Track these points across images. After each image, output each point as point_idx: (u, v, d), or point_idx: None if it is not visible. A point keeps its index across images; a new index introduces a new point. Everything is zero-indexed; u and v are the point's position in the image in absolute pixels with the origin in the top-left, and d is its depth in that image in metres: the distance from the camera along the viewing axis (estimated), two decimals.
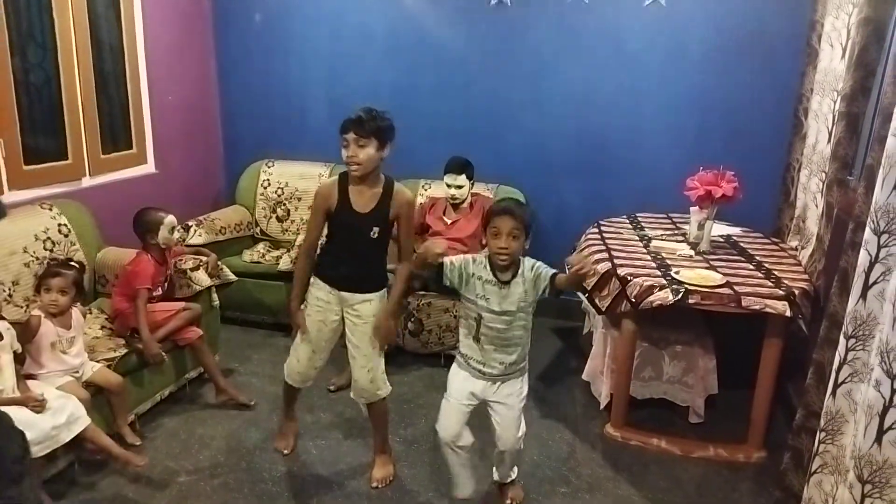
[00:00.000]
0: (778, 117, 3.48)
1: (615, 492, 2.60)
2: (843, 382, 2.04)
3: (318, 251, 2.58)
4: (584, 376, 3.29)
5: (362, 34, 4.14)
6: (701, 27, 3.60)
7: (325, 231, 2.52)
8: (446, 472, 2.42)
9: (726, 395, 3.04)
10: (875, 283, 1.90)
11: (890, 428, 1.78)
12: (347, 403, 3.11)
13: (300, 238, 3.73)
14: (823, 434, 2.13)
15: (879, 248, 1.87)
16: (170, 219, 3.02)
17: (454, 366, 2.36)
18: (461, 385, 2.29)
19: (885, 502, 1.80)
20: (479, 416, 2.35)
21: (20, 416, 2.25)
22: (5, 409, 2.25)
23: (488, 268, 2.18)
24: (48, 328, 2.55)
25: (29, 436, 2.23)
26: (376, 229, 2.40)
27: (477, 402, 2.29)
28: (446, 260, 2.21)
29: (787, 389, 2.97)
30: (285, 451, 2.77)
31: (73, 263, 2.76)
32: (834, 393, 2.07)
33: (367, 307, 2.47)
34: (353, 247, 2.45)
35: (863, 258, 1.94)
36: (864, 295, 1.93)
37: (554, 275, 2.17)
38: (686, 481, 2.68)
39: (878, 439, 1.81)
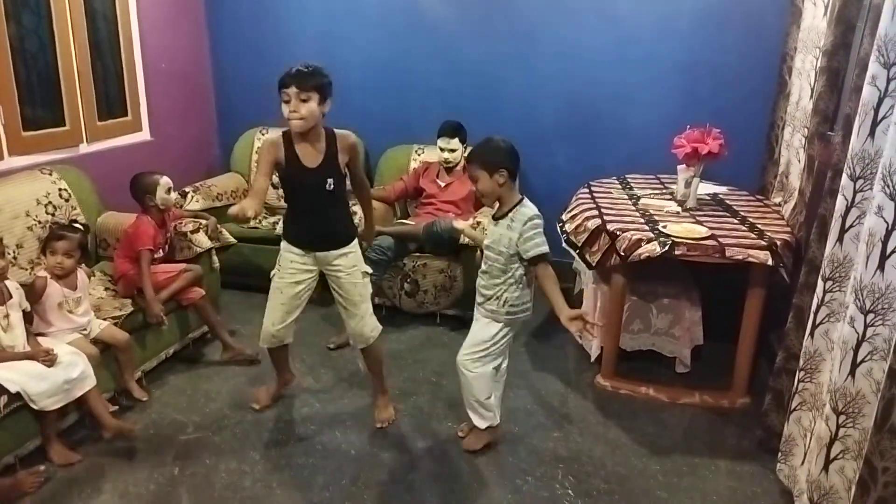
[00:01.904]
0: (763, 77, 3.55)
1: (605, 435, 2.72)
2: (820, 323, 2.16)
3: (283, 219, 2.66)
4: None
5: (354, 1, 4.17)
6: None
7: (284, 198, 2.60)
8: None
9: (711, 346, 3.16)
10: (851, 226, 2.00)
11: (863, 361, 1.90)
12: (347, 360, 3.22)
13: None
14: (802, 373, 2.25)
15: (855, 192, 1.98)
16: (165, 179, 3.08)
17: None
18: None
19: (858, 430, 1.93)
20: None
21: (32, 369, 2.35)
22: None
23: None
24: (54, 289, 2.61)
25: (42, 387, 2.34)
26: (331, 181, 2.44)
27: None
28: None
29: (770, 341, 3.08)
30: (254, 406, 2.82)
31: (77, 225, 2.82)
32: (812, 333, 2.19)
33: (345, 260, 2.56)
34: (315, 203, 2.49)
35: (840, 203, 2.04)
36: (840, 238, 2.04)
37: (535, 259, 2.24)
38: (673, 426, 2.80)
39: (852, 372, 1.93)
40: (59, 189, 3.11)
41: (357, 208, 2.97)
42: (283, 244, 2.60)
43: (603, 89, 3.93)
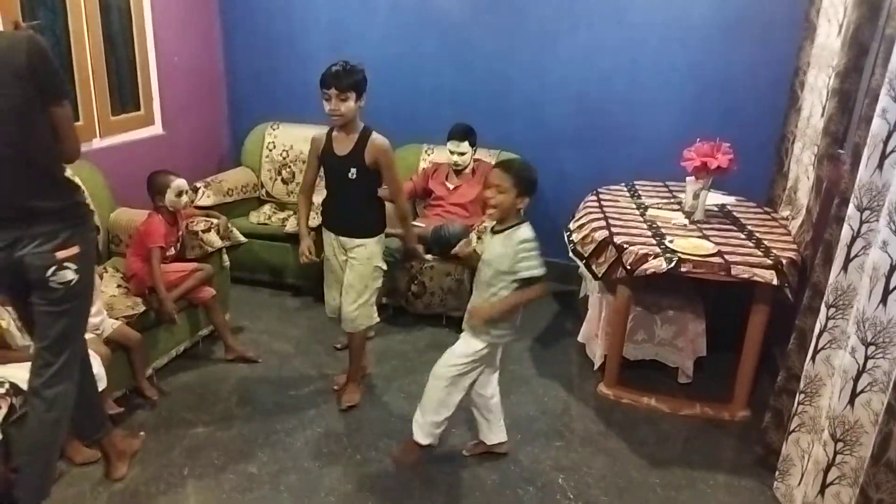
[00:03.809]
0: (775, 89, 3.54)
1: (606, 445, 2.76)
2: (822, 348, 2.19)
3: (321, 205, 2.88)
4: (579, 338, 3.44)
5: None
6: None
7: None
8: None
9: (714, 357, 3.19)
10: (856, 256, 2.03)
11: (862, 391, 1.93)
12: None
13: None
14: (803, 396, 2.28)
15: (861, 223, 2.00)
16: (177, 183, 3.08)
17: None
18: None
19: (855, 458, 1.96)
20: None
21: None
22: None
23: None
24: None
25: None
26: (353, 170, 2.67)
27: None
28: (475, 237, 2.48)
29: (773, 353, 3.11)
30: (335, 387, 3.05)
31: None
32: (814, 358, 2.22)
33: (361, 251, 2.77)
34: (339, 189, 2.75)
35: (845, 232, 2.06)
36: (845, 267, 2.06)
37: (528, 280, 2.26)
38: (673, 437, 2.85)
39: (851, 401, 1.96)
40: None
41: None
42: (323, 229, 2.87)
43: (614, 95, 3.92)
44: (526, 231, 2.29)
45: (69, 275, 1.98)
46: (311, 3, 4.27)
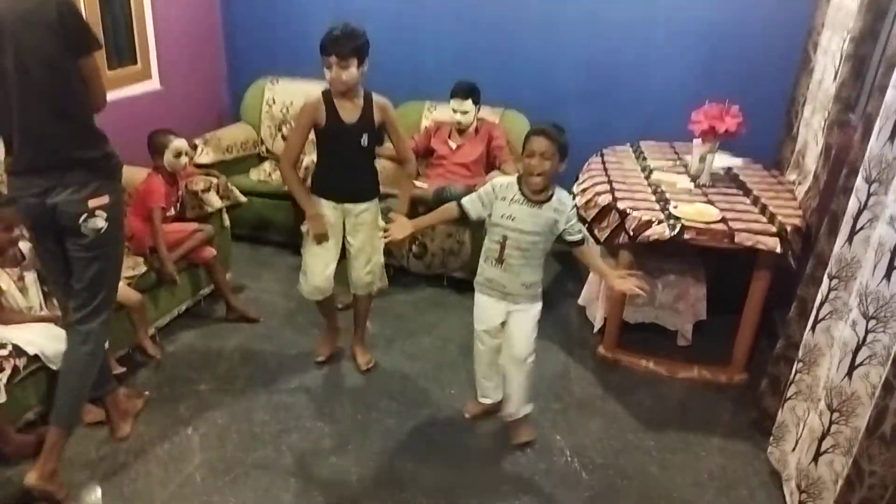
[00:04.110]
0: (787, 49, 3.45)
1: (604, 408, 2.80)
2: (822, 319, 2.19)
3: (313, 173, 2.78)
4: (580, 301, 3.45)
5: None
6: None
7: (317, 152, 2.72)
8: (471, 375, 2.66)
9: (714, 321, 3.19)
10: (861, 228, 2.01)
11: (861, 364, 1.94)
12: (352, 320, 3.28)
13: (307, 159, 3.77)
14: (801, 364, 2.30)
15: (869, 195, 1.97)
16: (176, 144, 3.03)
17: (476, 295, 2.47)
18: (487, 311, 2.45)
19: (850, 429, 1.98)
20: None
21: (49, 331, 2.41)
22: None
23: (516, 187, 2.29)
24: None
25: (59, 348, 2.41)
26: (366, 136, 2.60)
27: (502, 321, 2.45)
28: (464, 201, 2.39)
29: (773, 316, 3.11)
30: (318, 359, 2.99)
31: None
32: (814, 328, 2.23)
33: (367, 215, 2.74)
34: (348, 157, 2.65)
35: (852, 204, 2.03)
36: (850, 239, 2.05)
37: (575, 243, 2.34)
38: (670, 400, 2.88)
39: (849, 373, 1.97)
40: None
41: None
42: (315, 199, 2.72)
43: (622, 52, 3.83)
44: (567, 194, 2.34)
45: (100, 222, 2.09)
46: None
